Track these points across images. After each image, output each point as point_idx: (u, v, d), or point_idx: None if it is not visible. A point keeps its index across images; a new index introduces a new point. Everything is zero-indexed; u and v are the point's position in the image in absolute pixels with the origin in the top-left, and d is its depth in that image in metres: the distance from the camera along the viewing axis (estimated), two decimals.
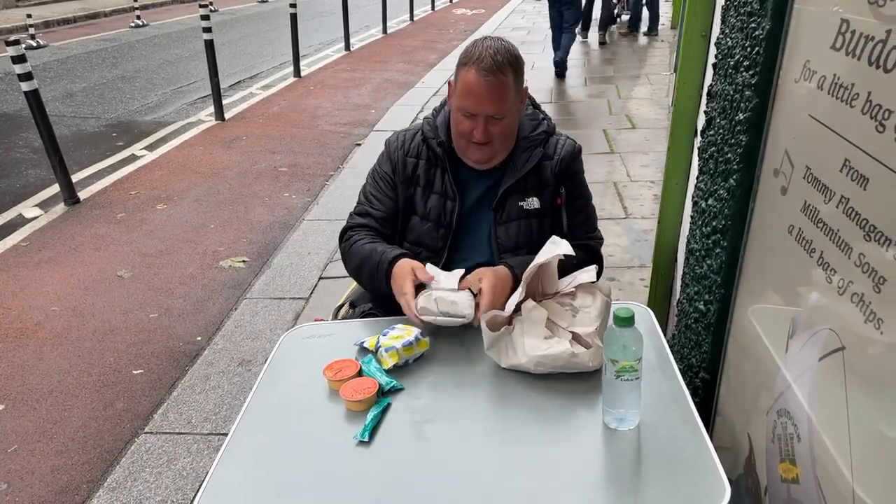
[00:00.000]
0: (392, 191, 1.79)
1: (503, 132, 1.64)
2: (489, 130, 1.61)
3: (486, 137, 1.62)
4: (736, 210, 1.41)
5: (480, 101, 1.58)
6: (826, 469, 1.01)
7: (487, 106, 1.58)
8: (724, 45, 1.54)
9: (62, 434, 2.58)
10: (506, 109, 1.61)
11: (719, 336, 1.54)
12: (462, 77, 1.59)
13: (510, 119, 1.65)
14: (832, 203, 1.00)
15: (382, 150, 1.84)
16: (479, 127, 1.60)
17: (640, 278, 3.40)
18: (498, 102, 1.58)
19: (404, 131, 1.83)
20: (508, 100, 1.60)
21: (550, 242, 1.50)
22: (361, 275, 1.74)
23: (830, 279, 1.00)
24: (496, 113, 1.59)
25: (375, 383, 1.38)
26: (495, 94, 1.57)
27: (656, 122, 5.94)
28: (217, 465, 1.24)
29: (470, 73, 1.57)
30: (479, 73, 1.55)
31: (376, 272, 1.65)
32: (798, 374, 1.11)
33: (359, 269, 1.73)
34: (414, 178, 1.77)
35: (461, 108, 1.62)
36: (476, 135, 1.61)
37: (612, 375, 1.22)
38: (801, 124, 1.12)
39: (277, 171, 5.37)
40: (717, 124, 1.56)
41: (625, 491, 1.14)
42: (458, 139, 1.69)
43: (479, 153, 1.67)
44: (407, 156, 1.78)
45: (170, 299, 3.51)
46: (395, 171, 1.79)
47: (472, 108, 1.59)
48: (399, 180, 1.78)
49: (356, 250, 1.74)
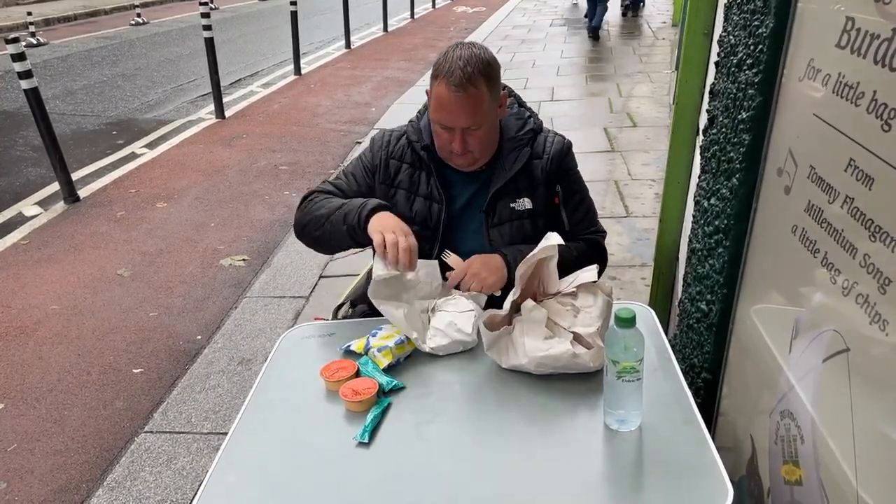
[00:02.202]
0: (371, 179, 1.77)
1: (481, 141, 1.62)
2: (467, 141, 1.59)
3: (464, 148, 1.60)
4: (738, 209, 1.40)
5: (453, 116, 1.55)
6: (830, 471, 1.00)
7: (461, 119, 1.55)
8: (727, 42, 1.52)
9: (62, 433, 2.58)
10: (480, 120, 1.57)
11: (721, 336, 1.53)
12: (435, 91, 1.57)
13: (487, 127, 1.61)
14: (837, 203, 0.99)
15: (366, 147, 1.82)
16: (457, 139, 1.58)
17: (642, 277, 3.39)
18: (471, 115, 1.55)
19: (390, 131, 1.80)
20: (482, 110, 1.57)
21: (544, 239, 1.49)
22: (321, 224, 1.67)
23: (835, 280, 0.99)
24: (471, 125, 1.57)
25: (375, 383, 1.37)
26: (467, 108, 1.54)
27: (657, 120, 5.93)
28: (216, 466, 1.24)
29: (441, 88, 1.54)
30: (450, 88, 1.51)
31: (349, 215, 1.62)
32: (801, 376, 1.10)
33: (320, 220, 1.68)
34: (396, 181, 1.75)
35: (437, 121, 1.60)
36: (454, 147, 1.60)
37: (613, 376, 1.21)
38: (806, 123, 1.11)
39: (278, 169, 5.36)
40: (719, 123, 1.54)
41: (626, 493, 1.13)
42: (440, 150, 1.68)
43: (461, 160, 1.66)
44: (390, 157, 1.76)
45: (170, 298, 3.51)
46: (375, 170, 1.77)
47: (446, 121, 1.57)
48: (379, 180, 1.76)
49: (324, 203, 1.70)
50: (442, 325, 1.52)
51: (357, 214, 1.61)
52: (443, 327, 1.51)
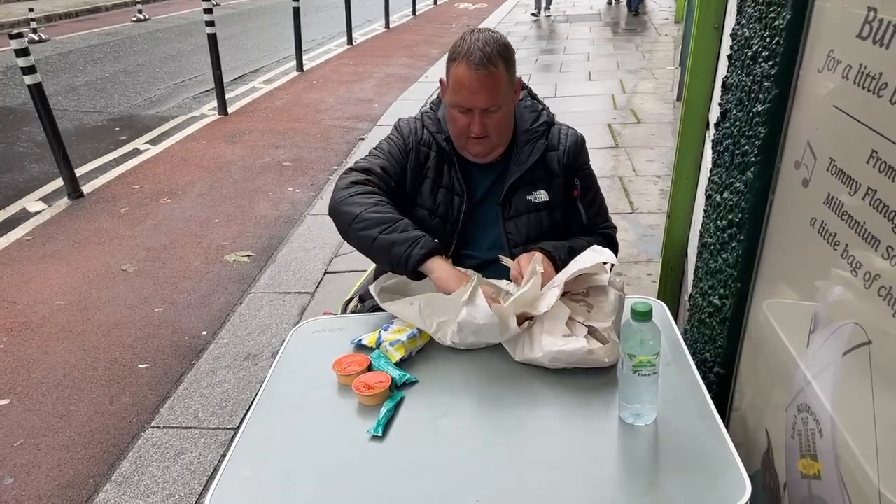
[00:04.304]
0: (403, 160, 1.72)
1: (499, 123, 1.63)
2: (485, 123, 1.60)
3: (484, 131, 1.60)
4: (753, 203, 1.39)
5: (474, 95, 1.56)
6: (849, 465, 1.00)
7: (481, 99, 1.56)
8: (741, 36, 1.51)
9: (68, 428, 2.57)
10: (500, 100, 1.59)
11: (735, 331, 1.52)
12: (453, 73, 1.58)
13: (505, 110, 1.63)
14: (858, 195, 0.98)
15: (393, 131, 1.79)
16: (476, 121, 1.59)
17: (648, 273, 3.38)
18: (491, 95, 1.57)
19: (414, 119, 1.80)
20: (501, 91, 1.58)
21: (591, 251, 1.49)
22: (367, 231, 1.54)
23: (856, 272, 0.99)
24: (490, 105, 1.58)
25: (388, 377, 1.36)
26: (487, 86, 1.55)
27: (661, 116, 5.91)
28: (230, 459, 1.23)
29: (461, 69, 1.55)
30: (470, 66, 1.53)
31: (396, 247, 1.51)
32: (820, 369, 1.09)
33: (366, 226, 1.55)
34: (425, 168, 1.74)
35: (455, 104, 1.60)
36: (473, 129, 1.60)
37: (629, 370, 1.20)
38: (825, 115, 1.10)
39: (281, 165, 5.35)
40: (732, 116, 1.53)
41: (643, 487, 1.12)
42: (457, 137, 1.68)
43: (477, 146, 1.66)
44: (420, 144, 1.75)
45: (174, 294, 3.50)
46: (408, 154, 1.73)
47: (465, 102, 1.58)
48: (410, 165, 1.74)
49: (365, 202, 1.58)
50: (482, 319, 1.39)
51: (406, 255, 1.51)
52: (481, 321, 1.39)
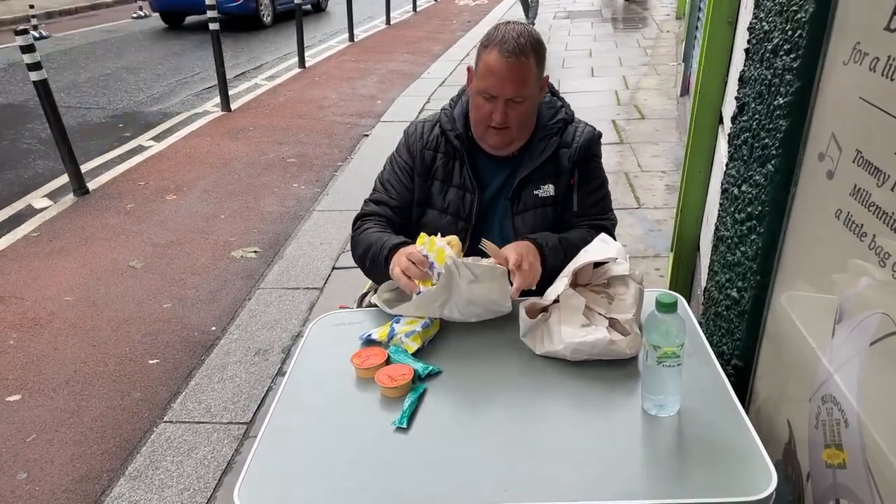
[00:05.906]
0: (409, 181, 1.78)
1: (521, 117, 1.63)
2: (508, 114, 1.59)
3: (505, 121, 1.60)
4: (774, 195, 1.40)
5: (501, 83, 1.56)
6: (875, 454, 1.00)
7: (508, 88, 1.57)
8: (760, 29, 1.52)
9: (80, 423, 2.58)
10: (526, 93, 1.59)
11: (754, 323, 1.53)
12: (484, 59, 1.58)
13: (530, 104, 1.63)
14: (886, 186, 0.99)
15: (401, 139, 1.82)
16: (499, 109, 1.59)
17: (655, 268, 3.39)
18: (519, 84, 1.57)
19: (423, 122, 1.81)
20: (529, 83, 1.59)
21: (600, 240, 1.49)
22: (365, 262, 1.71)
23: (884, 262, 0.99)
24: (516, 95, 1.58)
25: (411, 369, 1.37)
26: (517, 75, 1.56)
27: (665, 112, 5.92)
28: (256, 452, 1.23)
29: (492, 55, 1.56)
30: (502, 53, 1.54)
31: (377, 258, 1.64)
32: (846, 359, 1.10)
33: (363, 257, 1.71)
34: (433, 171, 1.76)
35: (482, 91, 1.60)
36: (495, 117, 1.60)
37: (653, 362, 1.21)
38: (851, 107, 1.11)
39: (286, 161, 5.35)
40: (751, 109, 1.54)
41: (670, 477, 1.13)
42: (476, 124, 1.68)
43: (496, 137, 1.66)
44: (425, 148, 1.76)
45: (183, 289, 3.50)
46: (413, 163, 1.77)
47: (492, 89, 1.57)
48: (417, 172, 1.76)
49: (363, 237, 1.72)
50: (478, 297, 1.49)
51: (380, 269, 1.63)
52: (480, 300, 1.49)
